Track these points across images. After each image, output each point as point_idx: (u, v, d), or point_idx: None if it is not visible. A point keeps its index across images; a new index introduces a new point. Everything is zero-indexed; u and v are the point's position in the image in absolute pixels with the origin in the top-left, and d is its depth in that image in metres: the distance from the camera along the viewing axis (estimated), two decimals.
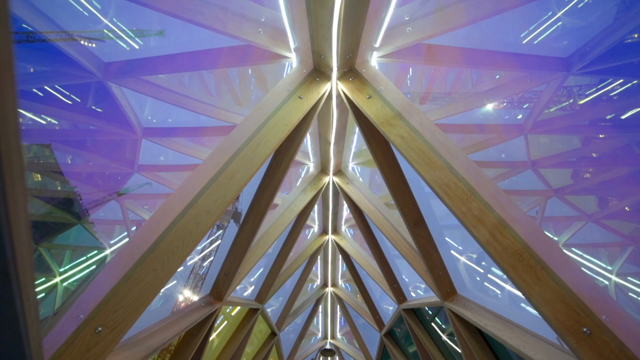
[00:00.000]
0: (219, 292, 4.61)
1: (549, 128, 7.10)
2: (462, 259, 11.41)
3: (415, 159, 2.96)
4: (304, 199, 5.66)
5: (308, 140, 5.40)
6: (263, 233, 5.23)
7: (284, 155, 3.84)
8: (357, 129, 5.22)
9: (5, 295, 1.41)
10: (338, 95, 3.69)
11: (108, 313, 2.35)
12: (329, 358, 9.37)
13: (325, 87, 3.45)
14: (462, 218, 2.70)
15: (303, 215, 5.98)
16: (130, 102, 5.68)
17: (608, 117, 8.97)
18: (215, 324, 6.95)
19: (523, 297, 2.51)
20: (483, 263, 11.91)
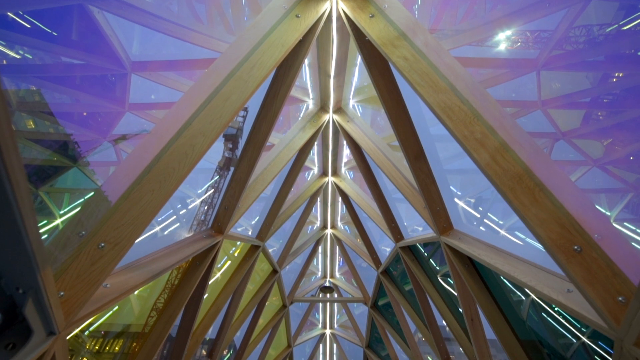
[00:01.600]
0: (219, 225, 4.72)
1: (563, 64, 6.74)
2: (461, 203, 11.61)
3: (418, 82, 2.83)
4: (303, 136, 5.57)
5: (307, 74, 5.18)
6: (262, 170, 5.23)
7: (281, 83, 3.69)
8: (358, 61, 4.97)
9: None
10: (339, 17, 3.44)
11: (109, 230, 2.39)
12: (328, 294, 9.94)
13: (325, 6, 3.20)
14: (464, 141, 2.64)
15: (302, 154, 5.94)
16: (117, 33, 5.34)
17: (628, 52, 8.43)
18: (220, 263, 7.29)
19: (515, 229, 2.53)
20: (480, 208, 12.14)
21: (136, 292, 6.30)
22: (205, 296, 6.37)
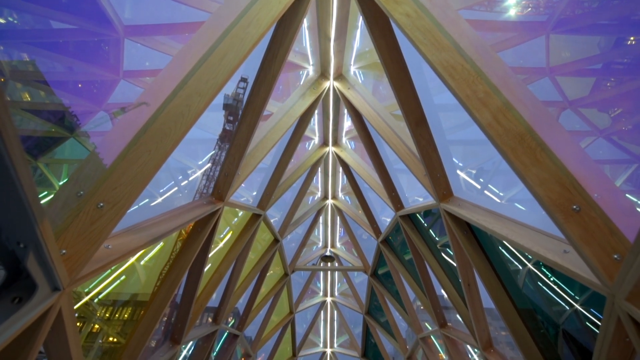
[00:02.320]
0: (220, 193, 4.73)
1: (574, 26, 6.44)
2: (462, 175, 11.57)
3: (421, 40, 2.72)
4: (303, 104, 5.48)
5: (306, 38, 5.01)
6: (262, 138, 5.18)
7: (279, 43, 3.57)
8: (359, 23, 4.79)
9: None
10: None
11: (107, 190, 2.40)
12: (329, 263, 10.15)
13: None
14: (466, 101, 2.58)
15: (303, 122, 5.86)
16: None
17: None
18: (222, 234, 7.38)
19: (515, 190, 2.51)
20: (481, 180, 12.09)
21: (142, 263, 6.44)
22: (209, 266, 6.54)
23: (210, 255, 6.25)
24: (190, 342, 7.35)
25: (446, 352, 7.63)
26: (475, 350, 7.37)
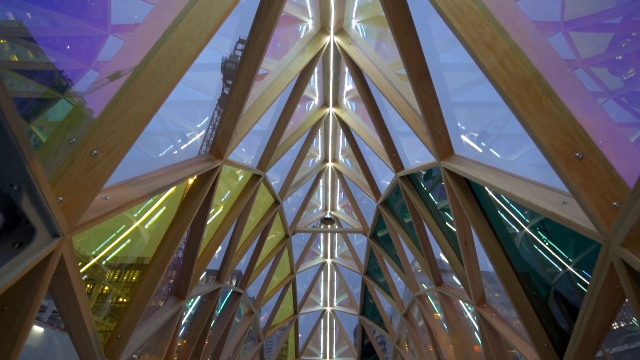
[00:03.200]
0: (218, 150, 4.69)
1: None
2: (464, 138, 11.45)
3: None
4: (302, 60, 5.28)
5: None
6: (260, 94, 5.04)
7: None
8: None
9: None
10: None
11: (100, 137, 2.35)
12: (329, 226, 10.30)
13: None
14: (471, 45, 2.45)
15: (302, 80, 5.68)
16: None
17: None
18: (223, 198, 7.42)
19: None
20: (483, 144, 11.98)
21: (146, 226, 6.53)
22: (210, 220, 6.62)
23: (211, 217, 6.33)
24: (195, 301, 7.64)
25: (441, 309, 7.92)
26: (469, 308, 7.66)
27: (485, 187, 4.63)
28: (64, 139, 2.28)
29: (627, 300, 2.81)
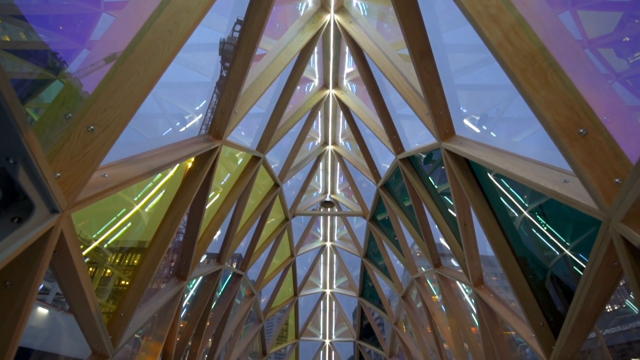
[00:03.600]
0: (217, 131, 4.64)
1: None
2: (466, 121, 11.36)
3: None
4: (302, 39, 5.17)
5: None
6: (259, 74, 4.96)
7: None
8: None
9: None
10: None
11: (97, 113, 2.31)
12: (329, 209, 10.33)
13: None
14: (476, 18, 2.38)
15: (302, 60, 5.58)
16: None
17: None
18: (223, 181, 7.40)
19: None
20: (484, 127, 11.90)
21: (146, 210, 6.54)
22: (211, 203, 6.63)
23: (211, 200, 6.33)
24: (196, 283, 7.73)
25: (439, 292, 8.03)
26: (467, 290, 7.77)
27: (486, 170, 4.62)
28: (59, 114, 2.24)
29: (622, 282, 2.85)
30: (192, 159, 4.81)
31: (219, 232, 7.64)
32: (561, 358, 3.89)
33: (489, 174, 4.66)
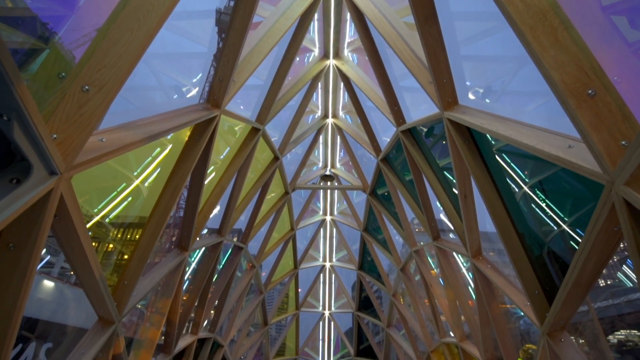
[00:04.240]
0: (215, 99, 4.55)
1: None
2: (469, 95, 11.18)
3: None
4: (301, 3, 4.97)
5: None
6: (257, 41, 4.81)
7: None
8: None
9: None
10: None
11: (91, 72, 2.24)
12: (329, 182, 10.34)
13: None
14: None
15: (301, 26, 5.39)
16: None
17: None
18: (222, 155, 7.33)
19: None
20: (487, 100, 11.73)
21: (146, 184, 6.52)
22: (210, 177, 6.61)
23: (210, 175, 6.29)
24: (197, 256, 7.85)
25: (438, 265, 8.16)
26: (465, 264, 7.90)
27: (489, 142, 4.57)
28: (52, 72, 2.18)
29: (615, 258, 2.87)
30: (190, 131, 4.75)
31: (218, 208, 7.69)
32: (554, 324, 4.00)
33: (491, 146, 4.63)
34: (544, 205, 4.52)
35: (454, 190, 6.19)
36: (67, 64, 2.20)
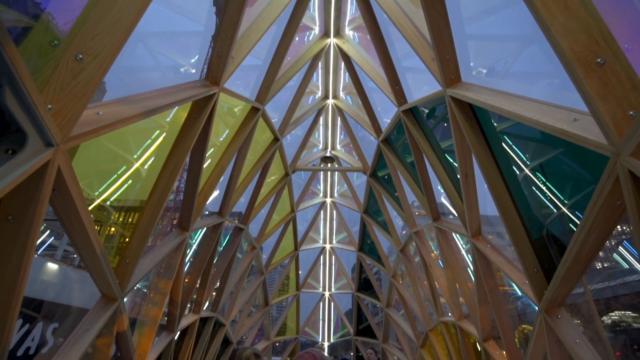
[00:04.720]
0: (214, 76, 4.46)
1: None
2: (472, 74, 11.01)
3: None
4: None
5: None
6: (256, 16, 4.68)
7: None
8: None
9: None
10: None
11: (84, 40, 2.17)
12: (329, 164, 10.31)
13: None
14: None
15: (301, 2, 5.24)
16: None
17: None
18: (222, 137, 7.26)
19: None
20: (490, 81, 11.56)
21: (146, 167, 6.48)
22: (209, 162, 6.57)
23: (209, 159, 6.24)
24: (198, 237, 7.89)
25: (437, 246, 8.21)
26: (464, 245, 7.94)
27: (491, 120, 4.51)
28: (43, 40, 2.11)
29: (613, 241, 2.85)
30: (188, 110, 4.68)
31: (218, 191, 7.68)
32: (552, 300, 4.04)
33: (493, 123, 4.57)
34: (544, 188, 4.52)
35: (455, 171, 6.17)
36: (59, 35, 2.13)
